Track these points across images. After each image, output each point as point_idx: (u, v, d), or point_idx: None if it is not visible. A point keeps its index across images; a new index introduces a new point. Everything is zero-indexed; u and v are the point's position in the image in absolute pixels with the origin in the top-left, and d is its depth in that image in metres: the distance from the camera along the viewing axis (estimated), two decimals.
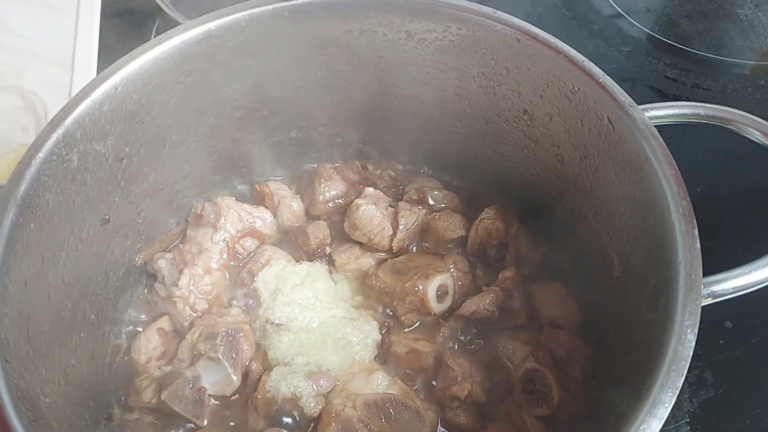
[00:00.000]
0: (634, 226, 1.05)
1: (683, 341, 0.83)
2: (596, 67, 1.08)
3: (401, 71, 1.27)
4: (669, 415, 1.27)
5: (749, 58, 1.86)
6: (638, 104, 1.06)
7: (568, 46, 1.11)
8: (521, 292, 1.25)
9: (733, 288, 0.93)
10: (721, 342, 1.39)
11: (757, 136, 1.03)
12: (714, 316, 1.41)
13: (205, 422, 1.14)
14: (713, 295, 0.93)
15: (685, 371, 0.82)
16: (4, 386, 0.82)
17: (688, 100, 1.10)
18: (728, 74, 1.82)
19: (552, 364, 1.16)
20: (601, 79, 1.07)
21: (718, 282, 0.93)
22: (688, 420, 1.31)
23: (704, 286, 0.91)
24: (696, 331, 0.85)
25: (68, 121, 1.02)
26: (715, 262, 0.96)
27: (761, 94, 1.78)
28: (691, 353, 0.83)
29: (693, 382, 1.35)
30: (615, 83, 1.07)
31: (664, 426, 1.27)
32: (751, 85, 1.80)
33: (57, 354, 1.01)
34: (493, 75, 1.21)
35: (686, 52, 1.86)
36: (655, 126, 1.03)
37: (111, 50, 1.76)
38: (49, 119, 1.03)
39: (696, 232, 0.91)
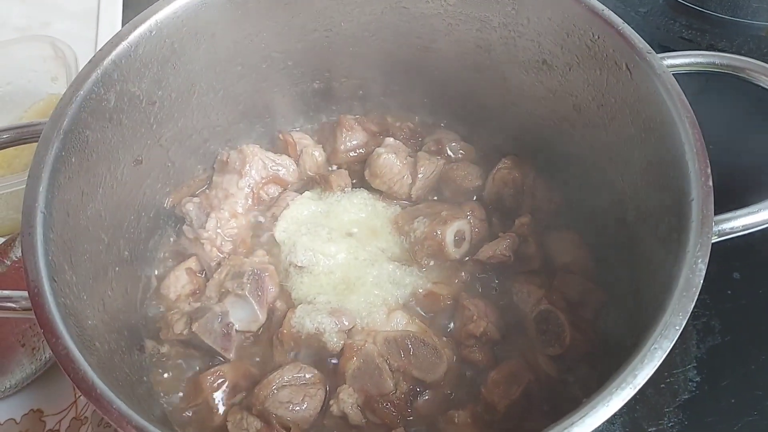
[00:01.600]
0: (649, 169, 1.08)
1: (694, 270, 0.87)
2: (616, 15, 1.11)
3: (423, 22, 1.30)
4: (677, 359, 1.36)
5: (765, 20, 1.86)
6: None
7: None
8: (536, 238, 1.29)
9: (743, 225, 0.96)
10: (729, 292, 1.43)
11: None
12: (723, 267, 1.44)
13: (233, 355, 1.19)
14: (722, 233, 0.96)
15: (695, 297, 0.86)
16: (53, 302, 0.87)
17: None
18: (743, 35, 1.83)
19: (565, 306, 1.20)
20: (620, 27, 1.10)
21: (728, 220, 0.96)
22: (695, 365, 1.35)
23: (715, 224, 0.94)
24: (706, 261, 0.88)
25: (106, 61, 1.06)
26: (727, 205, 0.99)
27: None
28: (701, 281, 0.87)
29: (701, 329, 1.39)
30: (633, 31, 1.10)
31: (672, 369, 1.35)
32: (766, 46, 1.81)
33: (96, 283, 1.06)
34: (514, 25, 1.23)
35: (702, 13, 1.87)
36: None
37: (135, 2, 1.80)
38: (80, 68, 1.07)
39: (709, 170, 0.95)
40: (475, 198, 1.39)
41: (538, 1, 1.17)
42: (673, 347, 1.32)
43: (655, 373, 0.83)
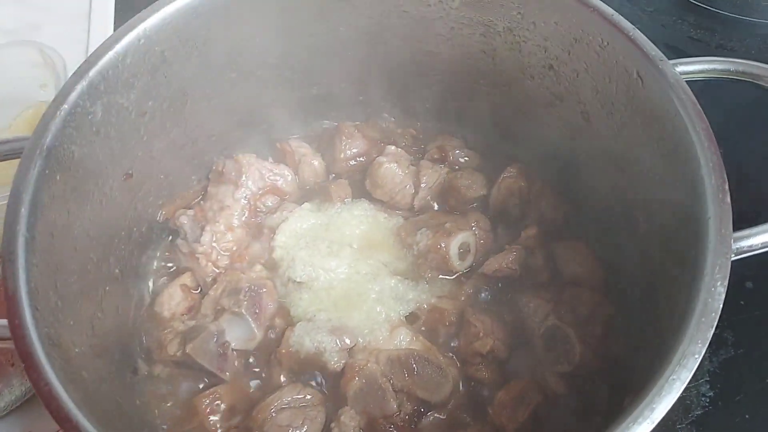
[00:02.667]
0: (661, 182, 1.04)
1: (713, 294, 0.83)
2: (626, 20, 1.07)
3: (425, 26, 1.26)
4: None
5: None
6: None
7: (597, 0, 1.09)
8: (543, 251, 1.25)
9: (762, 243, 0.92)
10: (742, 303, 1.39)
11: None
12: (735, 277, 1.38)
13: (229, 376, 1.15)
14: (740, 251, 0.92)
15: (715, 323, 0.82)
16: (35, 333, 0.82)
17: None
18: (753, 35, 1.79)
19: (574, 322, 1.16)
20: (631, 33, 1.06)
21: (746, 237, 0.92)
22: (708, 379, 1.31)
23: (735, 241, 0.90)
24: (725, 284, 0.84)
25: (92, 72, 1.02)
26: (739, 220, 0.94)
27: None
28: (721, 305, 0.83)
29: (713, 342, 1.31)
30: (645, 37, 1.05)
31: None
32: None
33: (84, 306, 1.02)
34: (519, 30, 1.19)
35: (710, 12, 1.83)
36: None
37: (127, 5, 1.76)
38: (69, 75, 1.03)
39: (726, 186, 0.91)
40: (479, 208, 1.34)
41: (545, 5, 1.13)
42: None
43: None
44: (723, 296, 0.84)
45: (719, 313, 0.83)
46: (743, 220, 0.95)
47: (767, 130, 1.58)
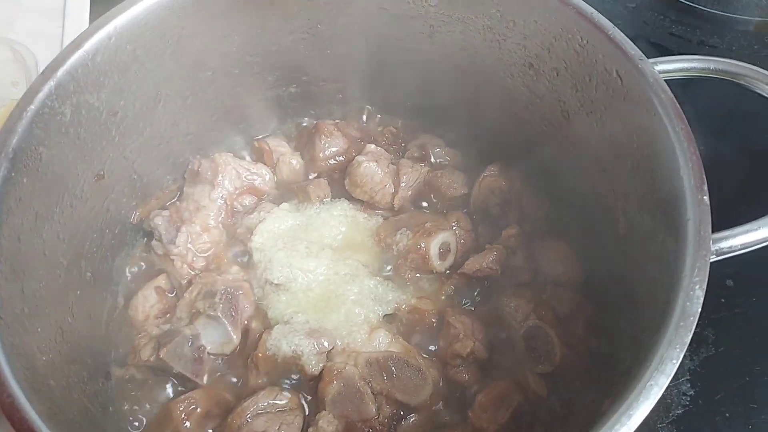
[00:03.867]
0: (641, 182, 1.03)
1: (691, 297, 0.83)
2: (606, 19, 1.06)
3: (404, 23, 1.25)
4: None
5: (755, 15, 1.82)
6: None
7: None
8: (525, 250, 1.25)
9: (741, 244, 0.92)
10: (722, 300, 1.39)
11: (767, 90, 1.01)
12: (716, 275, 1.39)
13: (205, 380, 1.14)
14: (720, 252, 0.92)
15: (693, 327, 0.81)
16: None
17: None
18: (734, 30, 1.79)
19: (555, 322, 1.17)
20: (610, 32, 1.05)
21: (726, 239, 0.92)
22: (689, 377, 1.31)
23: (714, 242, 0.90)
24: (704, 287, 0.84)
25: (60, 72, 1.00)
26: (718, 219, 0.94)
27: (767, 51, 1.75)
28: (699, 309, 0.82)
29: (693, 340, 1.31)
30: (624, 36, 1.04)
31: None
32: (757, 41, 1.77)
33: (53, 311, 1.00)
34: (499, 28, 1.18)
35: (692, 8, 1.82)
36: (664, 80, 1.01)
37: (103, 1, 1.72)
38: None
39: (705, 187, 0.90)
40: (460, 207, 1.34)
41: (524, 3, 1.12)
42: None
43: None
44: (701, 300, 0.83)
45: (697, 317, 0.82)
46: (724, 221, 0.95)
47: (749, 128, 1.58)
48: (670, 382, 1.28)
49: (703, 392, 1.30)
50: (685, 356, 1.31)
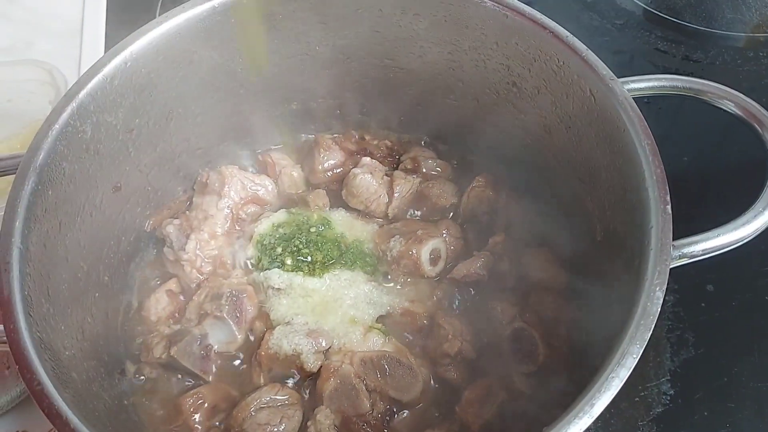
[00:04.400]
0: (614, 193, 1.11)
1: (652, 298, 0.89)
2: (579, 42, 1.13)
3: (396, 45, 1.33)
4: (651, 372, 1.38)
5: (740, 31, 1.89)
6: (624, 76, 1.12)
7: (553, 22, 1.16)
8: (510, 256, 1.31)
9: (702, 250, 0.99)
10: (703, 305, 1.45)
11: (729, 106, 1.09)
12: (696, 280, 1.47)
13: (212, 377, 1.22)
14: (685, 255, 0.99)
15: (653, 325, 0.88)
16: (28, 337, 0.89)
17: (677, 73, 1.15)
18: (718, 46, 1.86)
19: (539, 324, 1.23)
20: (584, 54, 1.12)
21: (690, 244, 0.99)
22: (669, 378, 1.37)
23: (677, 248, 0.97)
24: (664, 289, 0.91)
25: (82, 94, 1.08)
26: (698, 227, 1.02)
27: (750, 66, 1.82)
28: (659, 309, 0.89)
29: (674, 342, 1.41)
30: (597, 57, 1.12)
31: (646, 382, 1.37)
32: (740, 57, 1.84)
33: (74, 312, 1.08)
34: (483, 49, 1.26)
35: (677, 25, 1.90)
36: (644, 98, 1.09)
37: (118, 22, 1.82)
38: None
39: (668, 197, 0.97)
40: (451, 215, 1.41)
41: (505, 26, 1.19)
42: (647, 360, 1.38)
43: (629, 386, 0.86)
44: (661, 300, 0.89)
45: (657, 316, 0.89)
46: (702, 228, 1.02)
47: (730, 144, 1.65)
48: (651, 382, 1.38)
49: (683, 392, 1.35)
50: (665, 357, 1.41)
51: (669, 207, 0.97)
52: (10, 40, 1.85)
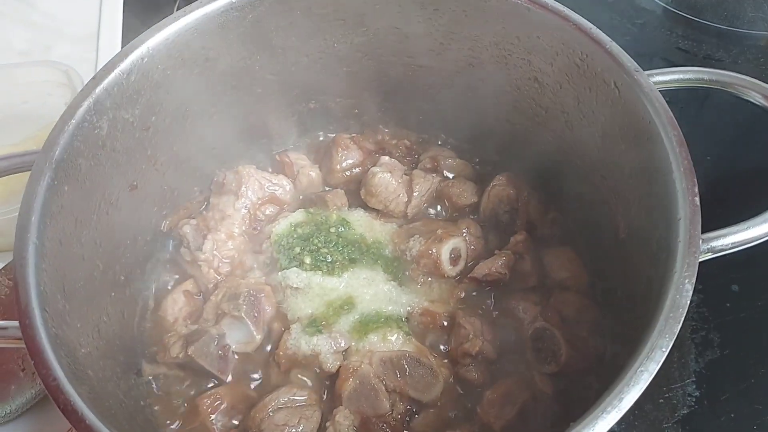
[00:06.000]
0: (639, 187, 1.09)
1: (681, 290, 0.87)
2: (603, 33, 1.12)
3: (415, 41, 1.31)
4: (676, 373, 1.35)
5: (762, 29, 1.86)
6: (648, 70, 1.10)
7: (576, 14, 1.15)
8: (532, 255, 1.29)
9: (732, 243, 0.96)
10: (728, 305, 1.43)
11: (757, 98, 1.07)
12: (721, 280, 1.44)
13: (230, 378, 1.20)
14: (713, 250, 0.96)
15: (682, 318, 0.86)
16: (44, 333, 0.88)
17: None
18: (740, 45, 1.84)
19: (560, 324, 1.21)
20: (608, 46, 1.10)
21: (718, 238, 0.96)
22: (694, 379, 1.35)
23: (704, 242, 0.95)
24: (693, 281, 0.88)
25: (98, 90, 1.08)
26: (724, 224, 0.99)
27: None
28: (688, 302, 0.87)
29: (699, 343, 1.39)
30: (621, 49, 1.10)
31: (671, 384, 1.35)
32: (763, 55, 1.82)
33: (90, 310, 1.07)
34: (504, 44, 1.24)
35: (699, 24, 1.88)
36: (666, 97, 1.06)
37: (134, 26, 1.82)
38: None
39: (696, 189, 0.95)
40: (470, 215, 1.39)
41: (527, 20, 1.18)
42: (671, 362, 1.35)
43: (653, 387, 0.83)
44: (690, 293, 0.87)
45: (686, 309, 0.86)
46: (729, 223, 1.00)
47: (744, 136, 1.63)
48: (676, 384, 1.35)
49: (709, 393, 1.33)
50: (690, 358, 1.38)
51: (697, 198, 0.94)
52: (28, 45, 1.87)
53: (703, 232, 0.95)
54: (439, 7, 1.23)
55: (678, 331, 0.85)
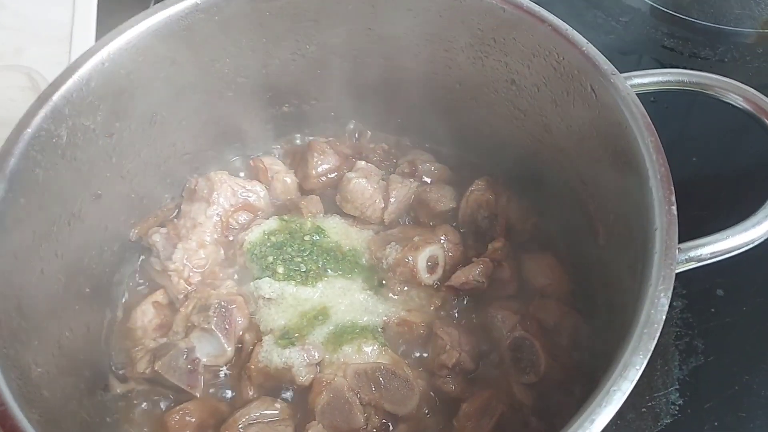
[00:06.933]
0: (617, 194, 1.06)
1: (656, 305, 0.84)
2: (580, 35, 1.09)
3: (390, 43, 1.28)
4: (659, 381, 1.32)
5: (748, 27, 1.83)
6: (627, 72, 1.07)
7: (552, 15, 1.11)
8: (511, 263, 1.27)
9: (711, 253, 0.94)
10: (713, 310, 1.40)
11: (738, 101, 1.04)
12: (706, 285, 1.41)
13: (199, 392, 1.16)
14: (692, 260, 0.94)
15: (657, 335, 0.83)
16: None
17: (684, 69, 1.10)
18: (727, 43, 1.81)
19: (540, 333, 1.18)
20: (584, 48, 1.07)
21: (697, 247, 0.94)
22: (678, 387, 1.32)
23: (683, 252, 0.92)
24: (669, 295, 0.85)
25: (55, 97, 1.03)
26: (707, 231, 0.97)
27: (759, 62, 1.76)
28: (664, 317, 0.84)
29: (683, 350, 1.36)
30: (598, 51, 1.07)
31: (654, 392, 1.32)
32: (749, 53, 1.79)
33: (51, 326, 1.03)
34: (481, 45, 1.21)
35: (685, 21, 1.84)
36: (651, 97, 1.05)
37: (108, 28, 1.78)
38: None
39: (673, 197, 0.92)
40: (449, 221, 1.36)
41: (503, 20, 1.15)
42: (654, 369, 1.32)
43: (636, 397, 0.81)
44: (666, 308, 0.84)
45: (662, 324, 0.83)
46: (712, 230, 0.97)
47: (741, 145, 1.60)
48: (659, 392, 1.32)
49: (693, 401, 1.30)
50: (674, 366, 1.35)
51: (674, 207, 0.91)
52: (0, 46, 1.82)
53: (683, 240, 0.93)
54: (412, 7, 1.20)
55: (653, 349, 0.81)
